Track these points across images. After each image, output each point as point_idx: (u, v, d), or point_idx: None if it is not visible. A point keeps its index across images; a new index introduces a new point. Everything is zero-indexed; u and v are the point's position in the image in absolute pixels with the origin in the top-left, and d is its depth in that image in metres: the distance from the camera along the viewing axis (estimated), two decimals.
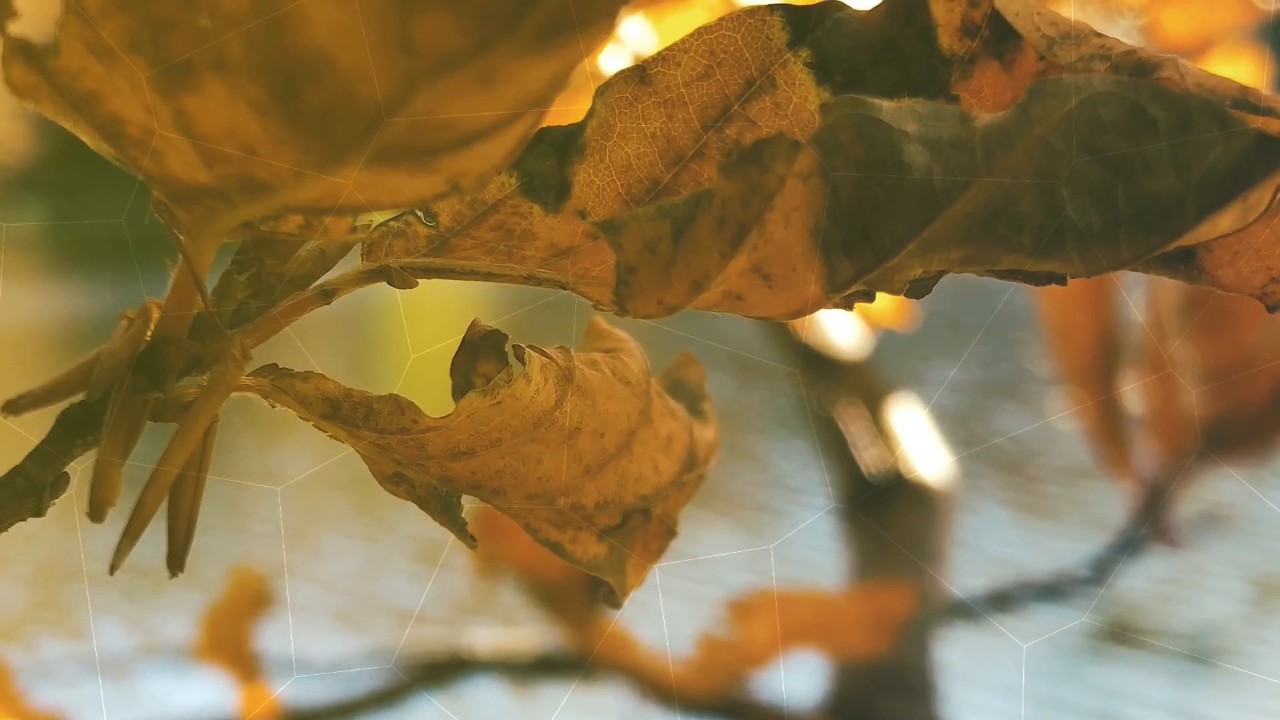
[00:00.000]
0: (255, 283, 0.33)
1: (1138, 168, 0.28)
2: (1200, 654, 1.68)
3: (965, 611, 1.24)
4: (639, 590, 0.37)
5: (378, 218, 0.33)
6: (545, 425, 0.33)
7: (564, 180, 0.33)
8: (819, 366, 1.15)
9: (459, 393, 0.32)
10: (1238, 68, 1.11)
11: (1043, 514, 2.03)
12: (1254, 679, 1.58)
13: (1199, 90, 0.29)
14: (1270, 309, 0.31)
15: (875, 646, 1.05)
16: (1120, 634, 1.68)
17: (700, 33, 0.32)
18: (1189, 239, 0.29)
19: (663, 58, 0.33)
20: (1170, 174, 0.28)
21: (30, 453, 0.32)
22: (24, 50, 0.27)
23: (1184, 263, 0.31)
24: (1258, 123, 0.28)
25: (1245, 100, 0.29)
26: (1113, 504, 1.18)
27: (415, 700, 1.18)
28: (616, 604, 0.36)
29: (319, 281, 0.33)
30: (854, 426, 1.15)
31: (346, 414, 0.32)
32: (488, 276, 0.33)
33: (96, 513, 0.31)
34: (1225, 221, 0.29)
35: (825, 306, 0.29)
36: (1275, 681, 1.55)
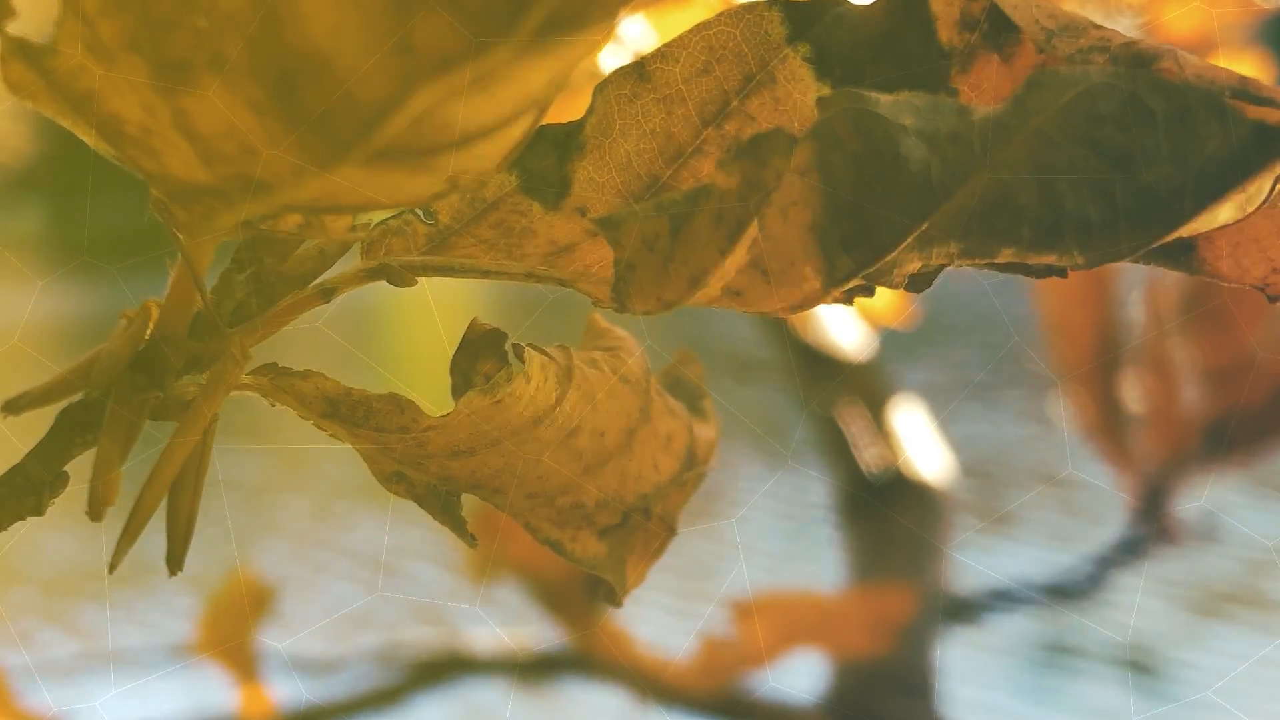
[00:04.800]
0: (255, 281, 0.33)
1: (1136, 159, 0.28)
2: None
3: (966, 612, 1.24)
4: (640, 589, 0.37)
5: (377, 216, 0.33)
6: (545, 424, 0.33)
7: (564, 177, 0.33)
8: (818, 366, 1.15)
9: (459, 391, 0.32)
10: (1239, 67, 1.11)
11: (1041, 514, 2.03)
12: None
13: (1198, 81, 0.29)
14: (1271, 300, 0.31)
15: (875, 647, 1.05)
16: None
17: (699, 29, 0.32)
18: (1188, 230, 0.29)
19: (662, 54, 0.33)
20: (1169, 165, 0.28)
21: (30, 452, 0.32)
22: (23, 50, 0.27)
23: (1184, 254, 0.31)
24: (1257, 113, 0.28)
25: (1244, 91, 0.29)
26: (1112, 504, 1.18)
27: (415, 700, 1.18)
28: (616, 602, 0.36)
29: (318, 280, 0.33)
30: (854, 426, 1.15)
31: (346, 413, 0.32)
32: (487, 274, 0.33)
33: (96, 512, 0.31)
34: (1224, 212, 0.29)
35: (824, 301, 0.29)
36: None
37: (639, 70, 0.33)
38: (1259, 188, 0.29)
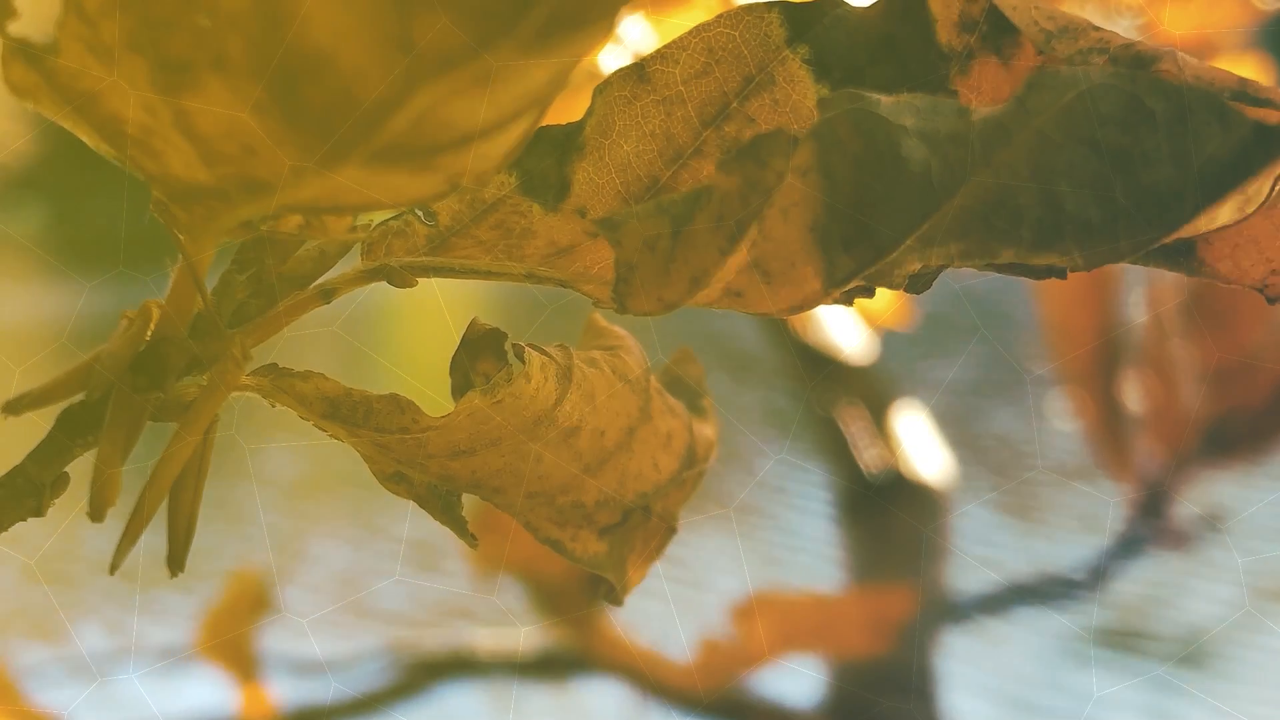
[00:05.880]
0: (255, 282, 0.33)
1: (1136, 160, 0.28)
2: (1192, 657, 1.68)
3: (965, 613, 1.24)
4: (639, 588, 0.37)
5: (377, 217, 0.33)
6: (545, 424, 0.33)
7: (563, 179, 0.33)
8: (818, 366, 1.15)
9: (459, 392, 0.32)
10: (1238, 68, 1.11)
11: (1041, 515, 2.03)
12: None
13: (1197, 82, 0.29)
14: (1270, 301, 0.31)
15: (875, 648, 1.05)
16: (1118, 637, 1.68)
17: (699, 30, 0.32)
18: (1188, 231, 0.29)
19: (661, 55, 0.33)
20: (1169, 166, 0.28)
21: (30, 453, 0.32)
22: (24, 50, 0.27)
23: (1184, 256, 0.31)
24: (1256, 114, 0.28)
25: (1243, 92, 0.29)
26: (1112, 505, 1.18)
27: (415, 700, 1.18)
28: (617, 601, 0.36)
29: (319, 281, 0.33)
30: (854, 427, 1.15)
31: (346, 414, 0.32)
32: (487, 275, 0.33)
33: (96, 513, 0.31)
34: (1224, 213, 0.29)
35: (825, 302, 0.29)
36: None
37: (638, 72, 0.33)
38: (1258, 188, 0.29)
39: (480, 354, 0.33)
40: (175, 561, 0.33)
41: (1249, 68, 1.12)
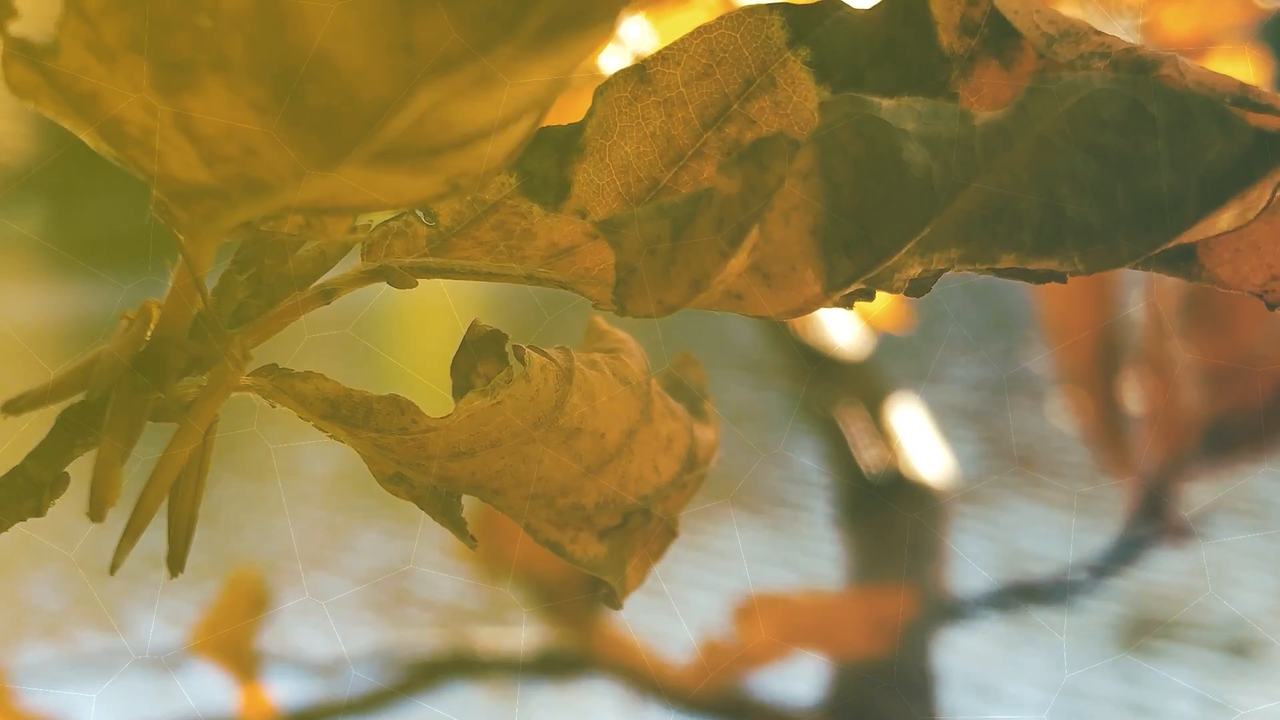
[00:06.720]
0: (255, 283, 0.33)
1: (1137, 165, 0.28)
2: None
3: (966, 610, 1.24)
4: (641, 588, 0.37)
5: (377, 218, 0.33)
6: (545, 425, 0.33)
7: (564, 180, 0.33)
8: (818, 366, 1.15)
9: (459, 393, 0.32)
10: (1238, 67, 1.11)
11: (1042, 514, 2.03)
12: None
13: (1198, 88, 0.29)
14: (1270, 307, 0.31)
15: (875, 648, 1.05)
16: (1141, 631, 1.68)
17: (700, 32, 0.32)
18: (1188, 237, 0.29)
19: (662, 57, 0.33)
20: (1170, 172, 0.28)
21: (30, 453, 0.32)
22: (24, 50, 0.27)
23: (1184, 261, 0.31)
24: (1257, 120, 0.28)
25: (1245, 98, 0.29)
26: (1113, 503, 1.18)
27: (415, 700, 1.18)
28: (616, 604, 0.36)
29: (319, 281, 0.33)
30: (854, 427, 1.15)
31: (346, 414, 0.32)
32: (488, 276, 0.33)
33: (96, 513, 0.31)
34: (1225, 219, 0.29)
35: (825, 305, 0.29)
36: None
37: (639, 73, 0.33)
38: (1259, 194, 0.29)
39: (481, 355, 0.33)
40: (175, 562, 0.33)
41: (1246, 60, 1.12)
